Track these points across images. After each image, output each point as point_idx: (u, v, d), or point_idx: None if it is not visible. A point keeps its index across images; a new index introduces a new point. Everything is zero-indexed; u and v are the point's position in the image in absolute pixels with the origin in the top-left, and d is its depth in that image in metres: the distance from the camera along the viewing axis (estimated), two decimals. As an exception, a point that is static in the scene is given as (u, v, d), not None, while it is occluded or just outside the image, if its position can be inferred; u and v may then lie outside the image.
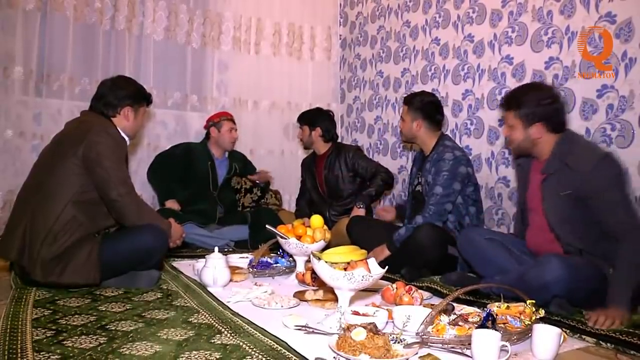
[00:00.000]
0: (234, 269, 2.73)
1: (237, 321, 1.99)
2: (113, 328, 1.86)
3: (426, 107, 3.15)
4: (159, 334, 1.80)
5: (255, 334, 1.84)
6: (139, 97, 2.69)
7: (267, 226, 2.71)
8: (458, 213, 3.09)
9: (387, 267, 1.99)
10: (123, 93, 2.63)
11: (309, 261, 2.35)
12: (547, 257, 2.18)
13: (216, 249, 2.60)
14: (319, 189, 4.07)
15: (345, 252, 2.01)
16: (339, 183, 3.93)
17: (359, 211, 3.67)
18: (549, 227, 2.39)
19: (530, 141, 2.38)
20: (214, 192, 3.95)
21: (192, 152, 3.98)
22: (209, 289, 2.48)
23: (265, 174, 4.22)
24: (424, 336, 1.72)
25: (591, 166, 2.19)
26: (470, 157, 3.60)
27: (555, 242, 2.36)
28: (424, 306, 2.11)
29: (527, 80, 3.20)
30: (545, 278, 2.11)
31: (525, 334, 1.81)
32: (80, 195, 2.40)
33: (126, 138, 2.64)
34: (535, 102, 2.33)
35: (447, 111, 3.83)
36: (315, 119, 4.02)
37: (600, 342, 1.88)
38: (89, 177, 2.41)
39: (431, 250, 2.88)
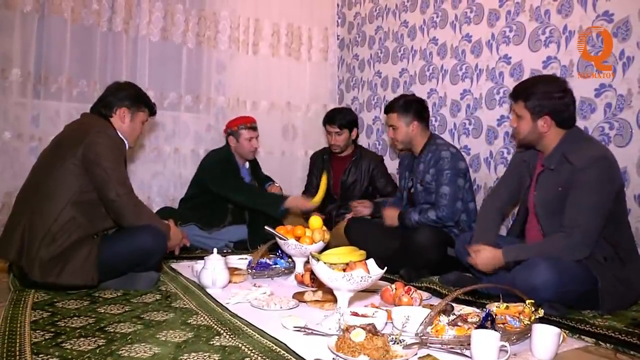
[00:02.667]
0: (232, 270, 2.74)
1: (236, 322, 1.99)
2: (112, 330, 1.86)
3: (414, 106, 3.18)
4: (157, 336, 1.80)
5: (254, 335, 1.84)
6: (137, 100, 2.68)
7: (266, 227, 2.71)
8: None
9: (386, 267, 2.00)
10: (122, 94, 2.65)
11: (308, 262, 2.35)
12: (535, 260, 2.16)
13: (215, 250, 2.60)
14: (330, 189, 3.96)
15: (344, 253, 2.02)
16: (355, 188, 3.90)
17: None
18: (538, 223, 2.42)
19: (537, 134, 2.36)
20: (228, 204, 3.82)
21: (227, 159, 3.83)
22: (207, 290, 2.48)
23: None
24: (423, 337, 1.72)
25: (585, 163, 2.21)
26: (469, 157, 3.61)
27: None
28: (423, 307, 2.11)
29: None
30: (534, 282, 2.09)
31: (524, 334, 1.81)
32: (79, 196, 2.40)
33: (125, 141, 2.64)
34: (545, 94, 2.31)
35: (445, 111, 3.84)
36: (355, 122, 3.97)
37: (600, 342, 1.88)
38: (88, 177, 2.41)
39: (431, 251, 2.88)
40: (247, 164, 3.98)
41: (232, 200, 3.71)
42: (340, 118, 3.89)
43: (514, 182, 2.62)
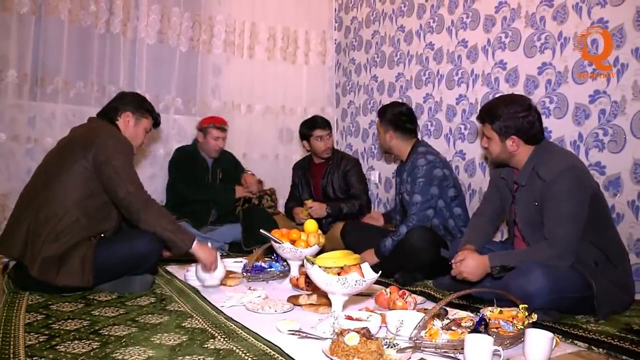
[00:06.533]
0: (228, 274, 2.74)
1: (231, 326, 1.99)
2: (106, 333, 1.86)
3: (395, 118, 3.23)
4: (152, 339, 1.80)
5: (249, 338, 1.84)
6: (141, 106, 2.75)
7: (261, 231, 2.71)
8: (441, 217, 3.11)
9: (380, 272, 2.00)
10: (128, 100, 2.74)
11: (303, 266, 2.36)
12: (530, 266, 2.17)
13: (209, 243, 2.62)
14: (314, 196, 4.01)
15: (339, 257, 2.02)
16: (335, 192, 3.92)
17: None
18: (522, 237, 2.46)
19: (508, 153, 2.40)
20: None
21: (190, 155, 3.99)
22: (202, 293, 2.48)
23: (251, 182, 4.07)
24: (417, 341, 1.73)
25: (553, 176, 2.25)
26: (464, 162, 3.63)
27: None
28: (417, 311, 2.11)
29: (520, 85, 3.22)
30: (528, 289, 2.09)
31: (517, 338, 1.82)
32: (85, 198, 2.43)
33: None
34: (509, 115, 2.34)
35: (441, 116, 3.85)
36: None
37: (592, 346, 1.89)
38: (98, 179, 2.44)
39: (424, 252, 2.89)
40: (210, 161, 4.06)
41: (189, 195, 3.87)
42: (326, 121, 3.99)
43: (496, 199, 2.66)
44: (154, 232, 2.45)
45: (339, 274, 1.94)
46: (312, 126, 3.93)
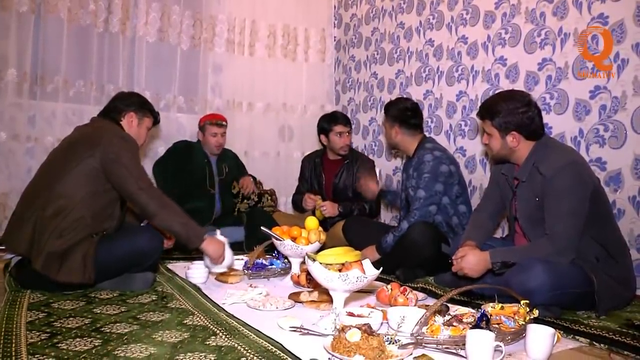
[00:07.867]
0: (229, 271, 2.74)
1: (232, 323, 1.99)
2: (108, 330, 1.86)
3: (400, 113, 3.23)
4: (153, 336, 1.80)
5: (250, 335, 1.84)
6: (143, 107, 2.78)
7: (262, 228, 2.71)
8: (445, 214, 3.11)
9: (381, 268, 2.00)
10: (129, 101, 2.76)
11: (304, 263, 2.36)
12: (531, 262, 2.17)
13: (217, 231, 2.65)
14: (323, 192, 3.94)
15: (340, 254, 2.02)
16: (346, 191, 3.87)
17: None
18: (522, 232, 2.46)
19: (508, 149, 2.40)
20: (210, 189, 3.94)
21: (192, 149, 3.99)
22: (204, 291, 2.49)
23: (248, 184, 4.06)
24: (419, 337, 1.73)
25: (554, 171, 2.24)
26: (465, 158, 3.62)
27: None
28: (419, 307, 2.11)
29: (520, 81, 3.21)
30: (529, 285, 2.09)
31: (519, 334, 1.82)
32: (91, 196, 2.44)
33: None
34: (509, 111, 2.34)
35: (441, 112, 3.85)
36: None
37: (594, 342, 1.89)
38: (108, 178, 2.46)
39: (425, 247, 2.89)
40: (214, 158, 4.06)
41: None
42: (346, 117, 3.95)
43: (497, 195, 2.66)
44: (154, 229, 2.50)
45: (340, 270, 1.94)
46: (333, 121, 3.85)
